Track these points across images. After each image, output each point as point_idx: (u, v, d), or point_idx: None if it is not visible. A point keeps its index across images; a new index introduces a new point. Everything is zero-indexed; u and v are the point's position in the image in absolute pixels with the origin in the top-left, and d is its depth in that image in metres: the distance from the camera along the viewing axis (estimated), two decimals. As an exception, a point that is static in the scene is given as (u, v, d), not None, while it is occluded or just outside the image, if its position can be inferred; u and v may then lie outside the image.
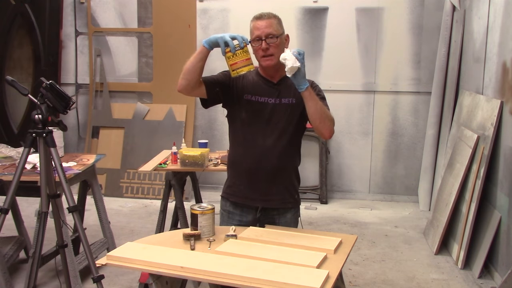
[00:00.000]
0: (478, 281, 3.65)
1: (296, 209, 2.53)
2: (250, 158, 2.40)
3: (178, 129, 5.83)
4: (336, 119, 6.26)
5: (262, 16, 2.32)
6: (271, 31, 2.29)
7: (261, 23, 2.30)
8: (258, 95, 2.38)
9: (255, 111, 2.37)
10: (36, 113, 2.59)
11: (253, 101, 2.37)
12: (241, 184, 2.44)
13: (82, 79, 6.18)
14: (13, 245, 3.62)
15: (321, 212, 5.36)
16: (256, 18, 2.33)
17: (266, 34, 2.28)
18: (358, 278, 3.72)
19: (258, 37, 2.30)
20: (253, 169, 2.39)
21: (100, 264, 2.03)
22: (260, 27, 2.30)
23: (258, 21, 2.31)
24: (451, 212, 4.11)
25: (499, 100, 3.75)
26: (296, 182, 2.51)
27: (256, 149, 2.38)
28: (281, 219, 2.46)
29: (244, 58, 2.22)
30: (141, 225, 4.80)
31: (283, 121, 2.37)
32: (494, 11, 4.03)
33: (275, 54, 2.29)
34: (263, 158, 2.37)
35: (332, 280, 1.84)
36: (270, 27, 2.29)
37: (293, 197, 2.50)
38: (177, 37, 5.84)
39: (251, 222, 2.45)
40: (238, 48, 2.20)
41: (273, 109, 2.37)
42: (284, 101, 2.37)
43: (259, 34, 2.29)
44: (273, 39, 2.29)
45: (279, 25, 2.34)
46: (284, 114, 2.37)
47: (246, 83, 2.40)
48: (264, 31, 2.28)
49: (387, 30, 5.55)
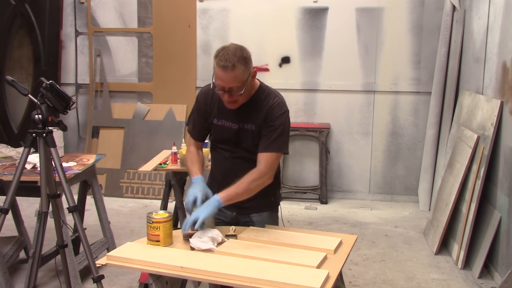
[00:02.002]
0: (478, 281, 3.65)
1: (273, 210, 2.54)
2: (219, 170, 2.47)
3: (178, 129, 5.83)
4: (336, 119, 6.26)
5: (226, 67, 2.14)
6: (234, 85, 2.18)
7: (225, 76, 2.16)
8: (224, 119, 2.38)
9: (222, 134, 2.41)
10: (36, 113, 2.59)
11: (219, 125, 2.40)
12: (214, 188, 2.39)
13: (82, 79, 6.18)
14: (13, 245, 3.61)
15: (321, 212, 5.36)
16: (220, 67, 2.16)
17: (229, 88, 2.20)
18: (358, 278, 3.72)
19: (221, 88, 2.21)
20: (221, 180, 2.41)
21: (100, 264, 2.03)
22: (223, 79, 2.17)
23: (221, 71, 2.16)
24: (451, 212, 4.11)
25: (499, 100, 3.75)
26: (271, 189, 2.44)
27: (224, 164, 2.44)
28: (255, 216, 2.47)
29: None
30: (141, 225, 4.80)
31: (248, 144, 2.37)
32: (494, 11, 4.02)
33: (239, 100, 2.26)
34: (229, 173, 2.38)
35: (332, 280, 1.84)
36: (233, 81, 2.17)
37: (269, 201, 2.50)
38: (177, 37, 5.84)
39: (228, 219, 2.47)
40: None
41: (237, 133, 2.37)
42: (247, 126, 2.35)
43: (222, 85, 2.19)
44: (237, 92, 2.21)
45: (245, 72, 2.19)
46: (248, 138, 2.36)
47: (214, 106, 2.40)
48: (227, 85, 2.18)
49: (387, 30, 5.55)
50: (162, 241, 2.13)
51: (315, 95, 5.70)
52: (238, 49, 2.19)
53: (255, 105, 2.33)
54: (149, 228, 2.15)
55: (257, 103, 2.34)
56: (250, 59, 2.23)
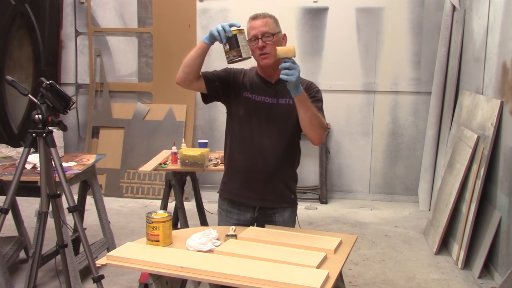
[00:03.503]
0: (478, 281, 3.65)
1: (293, 209, 2.53)
2: (246, 156, 2.39)
3: (178, 129, 5.83)
4: (336, 119, 6.26)
5: (257, 16, 2.33)
6: (267, 29, 2.29)
7: (257, 23, 2.31)
8: (256, 94, 2.38)
9: (253, 109, 2.37)
10: (36, 113, 2.59)
11: (251, 99, 2.38)
12: (236, 182, 2.44)
13: (82, 79, 6.18)
14: (13, 245, 3.61)
15: (321, 212, 5.36)
16: (252, 18, 2.34)
17: (262, 33, 2.29)
18: (358, 278, 3.72)
19: (255, 36, 2.30)
20: (249, 168, 2.39)
21: (100, 264, 2.03)
22: (255, 26, 2.30)
23: (254, 21, 2.32)
24: (451, 212, 4.11)
25: (499, 100, 3.75)
26: (293, 183, 2.50)
27: (253, 147, 2.38)
28: (278, 217, 2.46)
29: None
30: (141, 225, 4.80)
31: (281, 122, 2.37)
32: (494, 11, 4.03)
33: (272, 53, 2.28)
34: (259, 157, 2.37)
35: (332, 280, 1.84)
36: (265, 26, 2.30)
37: (289, 197, 2.50)
38: (177, 37, 5.84)
39: (249, 221, 2.45)
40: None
41: (270, 109, 2.36)
42: (282, 101, 2.37)
43: (255, 33, 2.30)
44: (269, 37, 2.29)
45: (275, 24, 2.34)
46: (282, 115, 2.36)
47: (246, 81, 2.41)
48: (260, 30, 2.29)
49: (387, 30, 5.55)
50: (161, 241, 2.14)
51: (315, 95, 5.69)
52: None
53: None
54: (148, 228, 2.15)
55: None
56: (279, 23, 2.35)
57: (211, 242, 2.12)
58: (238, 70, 2.45)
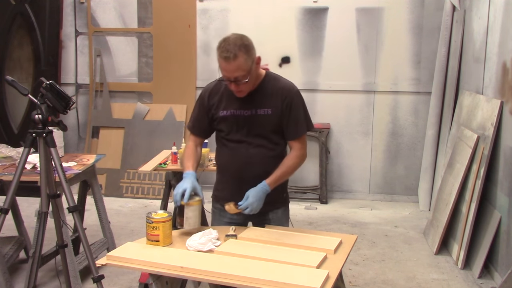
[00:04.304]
0: (478, 281, 3.65)
1: (286, 206, 2.55)
2: (235, 166, 2.41)
3: (178, 129, 5.83)
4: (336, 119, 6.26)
5: (228, 58, 2.17)
6: (238, 74, 2.20)
7: (228, 66, 2.19)
8: (234, 109, 2.36)
9: (233, 124, 2.38)
10: (36, 113, 2.59)
11: (227, 116, 2.37)
12: (228, 190, 2.44)
13: (82, 79, 6.18)
14: (13, 245, 3.62)
15: (321, 212, 5.36)
16: (222, 58, 2.19)
17: (234, 78, 2.22)
18: (358, 278, 3.72)
19: (227, 78, 2.25)
20: (238, 177, 2.40)
21: (100, 264, 2.03)
22: (227, 69, 2.20)
23: (225, 63, 2.19)
24: (451, 212, 4.11)
25: (499, 100, 3.75)
26: (284, 183, 2.49)
27: (240, 157, 2.39)
28: (272, 215, 2.47)
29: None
30: (141, 225, 4.80)
31: (262, 131, 2.37)
32: (494, 11, 4.02)
33: (246, 89, 2.29)
34: (247, 166, 2.38)
35: (332, 280, 1.84)
36: (237, 70, 2.19)
37: (281, 197, 2.51)
38: (177, 37, 5.84)
39: (242, 219, 2.44)
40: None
41: (250, 120, 2.36)
42: (260, 111, 2.35)
43: (228, 76, 2.23)
44: (242, 80, 2.23)
45: (248, 59, 2.20)
46: (262, 124, 2.36)
47: (221, 99, 2.39)
48: (232, 75, 2.21)
49: (387, 30, 5.55)
50: (161, 241, 2.14)
51: (315, 95, 5.69)
52: (238, 38, 2.21)
53: (266, 90, 2.36)
54: (148, 228, 2.15)
55: (268, 88, 2.37)
56: (252, 46, 2.25)
57: (211, 242, 2.12)
58: (204, 96, 2.44)
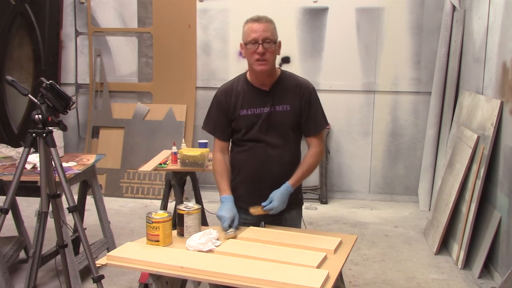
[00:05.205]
0: (478, 281, 3.65)
1: (300, 208, 2.59)
2: (252, 166, 2.40)
3: (178, 129, 5.83)
4: (336, 119, 6.26)
5: (260, 19, 2.25)
6: (269, 35, 2.24)
7: (259, 26, 2.24)
8: (253, 107, 2.36)
9: (252, 123, 2.37)
10: (36, 113, 2.59)
11: (248, 115, 2.37)
12: (244, 190, 2.43)
13: (82, 79, 6.18)
14: (13, 245, 3.61)
15: (321, 212, 5.36)
16: (253, 20, 2.26)
17: (264, 38, 2.23)
18: (358, 278, 3.72)
19: (255, 40, 2.24)
20: (256, 177, 2.39)
21: (100, 264, 2.03)
22: (257, 30, 2.23)
23: (256, 23, 2.25)
24: (451, 212, 4.11)
25: (499, 100, 3.75)
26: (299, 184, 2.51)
27: (257, 158, 2.38)
28: (286, 215, 2.47)
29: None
30: (141, 225, 4.79)
31: (281, 128, 2.37)
32: (494, 11, 4.02)
33: (270, 60, 2.27)
34: (265, 166, 2.38)
35: (332, 280, 1.84)
36: (268, 31, 2.24)
37: (297, 198, 2.52)
38: (177, 37, 5.84)
39: (255, 220, 2.43)
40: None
41: (269, 118, 2.35)
42: (279, 108, 2.35)
43: (256, 37, 2.23)
44: (270, 44, 2.25)
45: (275, 31, 2.30)
46: (280, 122, 2.36)
47: (238, 98, 2.39)
48: (261, 35, 2.23)
49: (387, 30, 5.55)
50: (161, 241, 2.14)
51: (315, 95, 5.69)
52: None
53: (284, 87, 2.36)
54: (148, 228, 2.15)
55: (285, 85, 2.37)
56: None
57: (211, 242, 2.12)
58: (221, 97, 2.43)
